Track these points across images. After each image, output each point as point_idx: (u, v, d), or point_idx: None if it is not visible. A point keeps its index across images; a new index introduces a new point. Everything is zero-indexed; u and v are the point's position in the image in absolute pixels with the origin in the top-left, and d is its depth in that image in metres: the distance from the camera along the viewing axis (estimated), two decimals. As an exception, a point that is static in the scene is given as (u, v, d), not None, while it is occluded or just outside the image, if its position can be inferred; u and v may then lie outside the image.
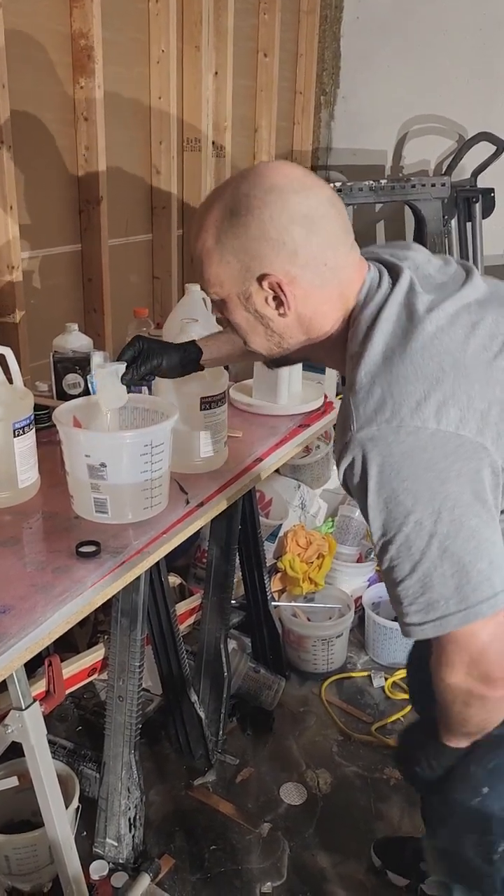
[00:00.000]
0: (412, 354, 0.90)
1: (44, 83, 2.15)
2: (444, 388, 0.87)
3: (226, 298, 1.01)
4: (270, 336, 1.03)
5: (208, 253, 0.98)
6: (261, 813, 1.80)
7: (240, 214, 0.94)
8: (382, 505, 0.88)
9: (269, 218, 0.93)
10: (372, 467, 0.87)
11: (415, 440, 0.85)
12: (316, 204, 0.95)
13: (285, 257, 0.94)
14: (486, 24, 3.33)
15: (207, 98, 2.79)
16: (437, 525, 0.86)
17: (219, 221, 0.96)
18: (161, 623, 1.75)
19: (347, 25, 3.63)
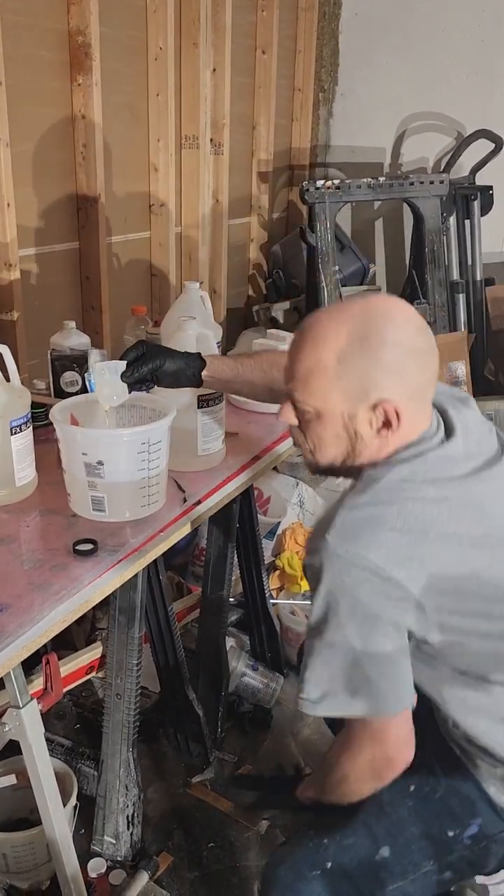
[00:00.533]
0: (411, 511, 1.00)
1: (41, 80, 2.14)
2: (419, 550, 0.99)
3: (323, 412, 1.05)
4: (348, 453, 1.08)
5: (325, 369, 1.02)
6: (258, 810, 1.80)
7: (370, 341, 1.00)
8: (324, 606, 1.00)
9: (395, 351, 1.01)
10: (326, 577, 0.98)
11: (364, 576, 0.97)
12: (427, 342, 1.04)
13: (401, 388, 1.02)
14: (484, 21, 3.33)
15: (205, 95, 2.79)
16: (360, 643, 0.99)
17: (346, 343, 1.01)
18: (159, 621, 1.75)
19: (346, 22, 3.62)
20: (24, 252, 2.18)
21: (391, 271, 3.81)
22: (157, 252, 2.78)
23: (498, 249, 3.53)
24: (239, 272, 3.48)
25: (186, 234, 2.92)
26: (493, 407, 3.01)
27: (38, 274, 2.29)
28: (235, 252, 3.37)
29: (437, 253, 3.18)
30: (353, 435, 1.06)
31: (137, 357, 1.36)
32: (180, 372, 1.39)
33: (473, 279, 3.37)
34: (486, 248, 3.38)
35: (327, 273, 3.04)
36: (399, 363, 1.01)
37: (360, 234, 3.80)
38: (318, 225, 3.02)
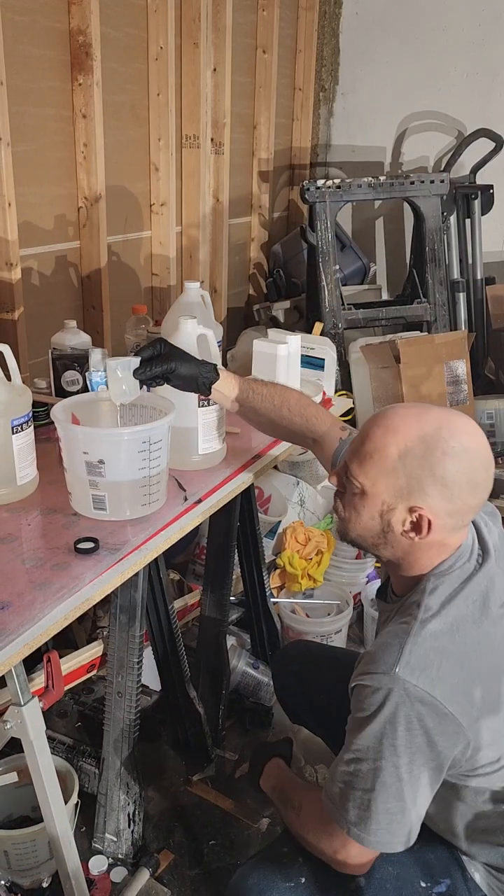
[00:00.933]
0: (472, 645, 1.05)
1: (42, 80, 2.15)
2: (477, 684, 1.04)
3: (368, 493, 1.10)
4: (377, 538, 1.13)
5: (384, 458, 1.07)
6: (260, 808, 1.81)
7: (434, 451, 1.05)
8: (378, 737, 1.03)
9: (455, 471, 1.05)
10: (388, 707, 1.02)
11: (427, 710, 1.01)
12: (486, 477, 1.09)
13: (446, 504, 1.06)
14: (484, 19, 3.33)
15: (206, 95, 2.79)
16: (403, 775, 1.02)
17: (412, 442, 1.06)
18: (160, 619, 1.75)
19: (346, 21, 3.63)
20: (26, 251, 2.18)
21: (392, 270, 3.81)
22: (158, 251, 2.79)
23: (498, 248, 3.53)
24: (239, 271, 3.48)
25: (187, 233, 2.93)
26: (494, 406, 3.02)
27: (39, 273, 2.29)
28: (236, 251, 3.38)
29: (438, 252, 3.18)
30: (385, 525, 1.10)
31: (153, 356, 1.36)
32: (192, 378, 1.38)
33: (474, 278, 3.37)
34: (486, 248, 3.39)
35: (328, 272, 3.05)
36: (452, 482, 1.05)
37: (360, 234, 3.80)
38: (318, 224, 3.02)
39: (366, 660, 1.07)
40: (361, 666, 1.08)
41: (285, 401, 1.44)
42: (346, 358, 3.02)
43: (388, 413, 1.11)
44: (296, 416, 1.43)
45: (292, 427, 1.44)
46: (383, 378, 2.86)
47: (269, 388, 1.46)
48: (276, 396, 1.44)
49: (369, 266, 3.56)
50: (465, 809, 1.14)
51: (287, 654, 1.70)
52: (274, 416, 1.44)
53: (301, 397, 1.46)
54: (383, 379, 2.86)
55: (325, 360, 2.18)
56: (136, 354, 1.36)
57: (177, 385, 1.39)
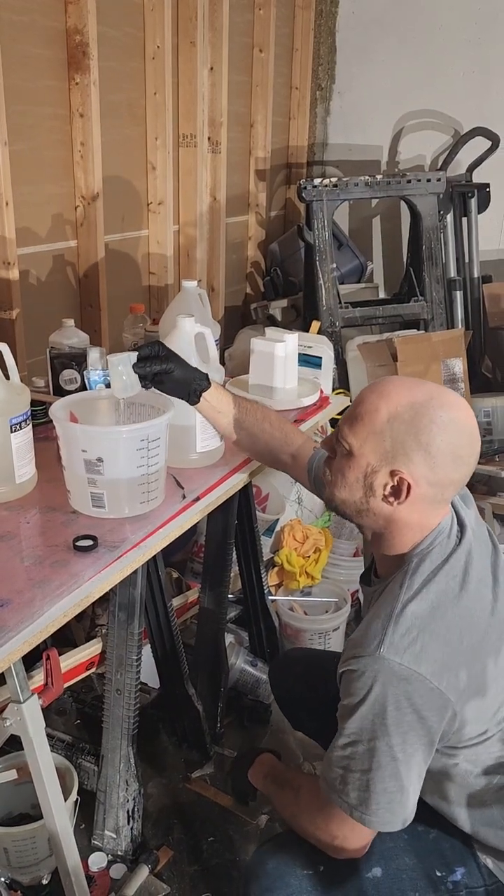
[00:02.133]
0: (454, 621, 1.07)
1: (39, 79, 2.15)
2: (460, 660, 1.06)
3: (355, 454, 1.12)
4: (360, 503, 1.14)
5: (374, 420, 1.10)
6: (258, 805, 1.81)
7: (421, 418, 1.07)
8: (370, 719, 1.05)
9: (439, 440, 1.07)
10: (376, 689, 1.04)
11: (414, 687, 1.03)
12: (471, 452, 1.11)
13: (427, 472, 1.08)
14: (481, 18, 3.33)
15: (203, 94, 2.80)
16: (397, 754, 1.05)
17: (402, 408, 1.09)
18: (158, 617, 1.76)
19: (343, 20, 3.63)
20: (23, 251, 2.18)
21: (389, 269, 3.82)
22: (155, 250, 2.79)
23: (495, 247, 3.54)
24: (237, 270, 3.49)
25: (184, 232, 2.93)
26: (490, 404, 3.02)
27: (36, 272, 2.29)
28: (233, 250, 3.38)
29: (435, 250, 3.18)
30: (367, 487, 1.12)
31: (150, 355, 1.37)
32: (185, 384, 1.40)
33: (471, 276, 3.38)
34: (483, 246, 3.39)
35: (325, 271, 3.05)
36: (436, 451, 1.07)
37: (357, 232, 3.80)
38: (315, 223, 3.02)
39: (350, 644, 1.09)
40: (347, 651, 1.10)
41: (266, 416, 1.51)
42: (343, 356, 3.03)
43: (383, 380, 1.15)
44: (276, 431, 1.50)
45: (272, 442, 1.50)
46: (380, 376, 2.85)
47: (252, 403, 1.53)
48: (258, 412, 1.51)
49: (366, 264, 3.56)
50: (459, 791, 1.16)
51: (288, 660, 1.73)
52: (256, 429, 1.50)
53: (278, 415, 1.55)
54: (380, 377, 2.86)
55: (323, 359, 2.19)
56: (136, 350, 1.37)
57: (168, 389, 1.40)
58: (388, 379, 1.15)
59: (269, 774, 1.34)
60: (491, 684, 1.10)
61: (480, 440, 1.13)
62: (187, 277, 2.81)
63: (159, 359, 1.37)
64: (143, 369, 1.35)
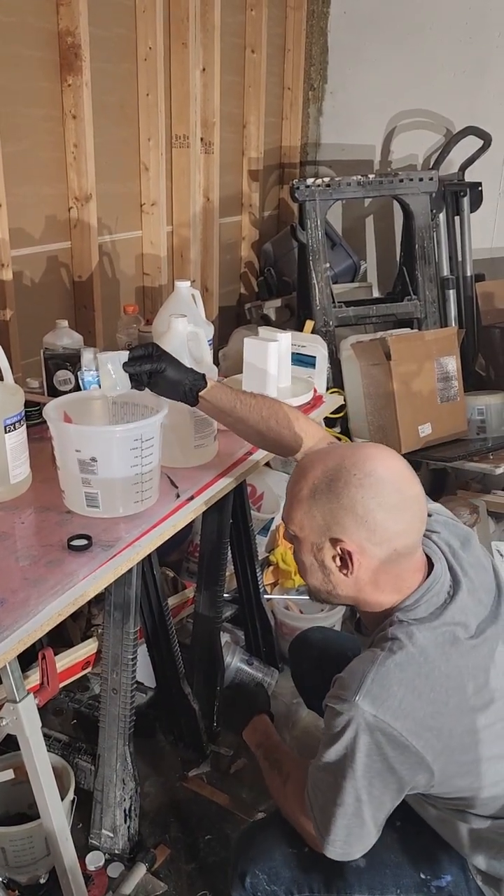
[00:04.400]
0: (441, 679, 1.04)
1: (31, 81, 2.15)
2: (444, 720, 1.04)
3: (300, 538, 1.14)
4: (325, 583, 1.14)
5: (300, 501, 1.11)
6: (255, 803, 1.82)
7: (337, 484, 1.07)
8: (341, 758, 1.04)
9: (361, 498, 1.06)
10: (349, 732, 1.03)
11: (387, 740, 1.02)
12: (403, 498, 1.08)
13: (364, 532, 1.06)
14: (471, 17, 3.34)
15: (195, 95, 2.80)
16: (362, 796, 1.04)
17: (318, 481, 1.09)
18: (154, 616, 1.76)
19: (334, 20, 3.64)
20: (17, 252, 2.18)
21: (382, 268, 3.83)
22: (149, 251, 2.80)
23: (487, 245, 3.55)
24: (230, 270, 3.49)
25: (178, 232, 2.94)
26: (484, 402, 3.03)
27: (30, 273, 2.30)
28: (227, 250, 3.39)
29: (428, 249, 3.19)
30: (321, 566, 1.12)
31: (143, 355, 1.36)
32: (178, 384, 1.38)
33: (463, 275, 3.39)
34: (475, 244, 3.40)
35: (318, 270, 3.06)
36: (363, 510, 1.05)
37: (350, 232, 3.81)
38: (308, 222, 3.03)
39: (337, 683, 1.08)
40: (332, 689, 1.09)
41: (273, 413, 1.42)
42: (337, 355, 3.03)
43: (302, 460, 1.17)
44: (284, 429, 1.42)
45: (280, 439, 1.43)
46: (374, 375, 2.87)
47: (257, 399, 1.44)
48: (263, 408, 1.42)
49: (360, 264, 3.57)
50: (464, 828, 1.16)
51: (307, 640, 1.70)
52: (262, 427, 1.42)
53: (290, 410, 1.45)
54: (374, 376, 2.87)
55: (317, 358, 2.19)
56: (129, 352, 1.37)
57: (161, 391, 1.39)
58: (307, 456, 1.16)
59: (262, 745, 1.35)
60: (481, 743, 1.08)
61: (415, 477, 1.10)
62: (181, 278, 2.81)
63: (151, 358, 1.36)
64: (134, 368, 1.35)
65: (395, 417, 2.81)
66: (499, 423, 3.04)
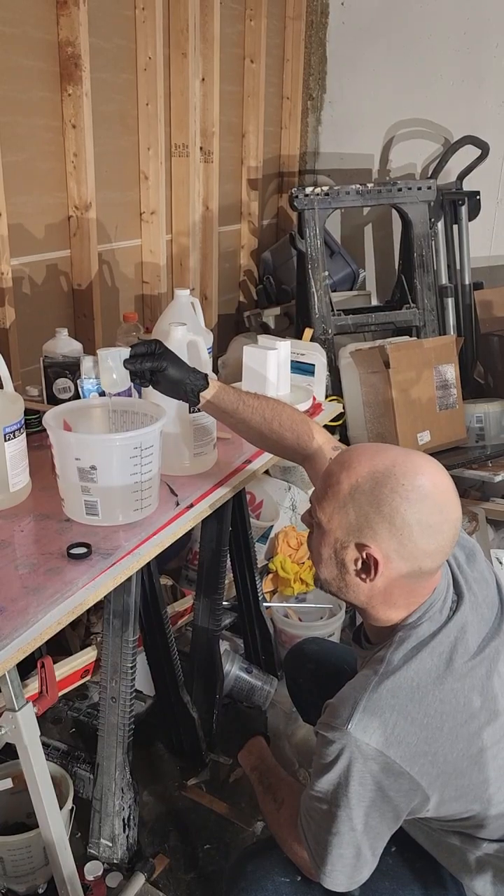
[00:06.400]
0: (434, 704, 1.02)
1: (32, 91, 2.16)
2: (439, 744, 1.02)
3: (325, 529, 1.09)
4: (338, 580, 1.11)
5: (337, 493, 1.07)
6: (254, 812, 1.82)
7: (382, 490, 1.03)
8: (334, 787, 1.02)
9: (403, 510, 1.02)
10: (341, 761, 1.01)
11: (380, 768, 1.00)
12: (443, 520, 1.04)
13: (395, 544, 1.03)
14: (469, 28, 3.37)
15: (195, 104, 2.82)
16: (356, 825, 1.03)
17: (362, 479, 1.05)
18: (153, 624, 1.76)
19: (333, 31, 3.66)
20: (17, 261, 2.19)
21: (381, 276, 3.84)
22: (148, 259, 2.80)
23: (485, 254, 3.56)
24: (229, 278, 3.50)
25: (177, 241, 2.95)
26: (483, 409, 3.04)
27: (30, 282, 2.30)
28: (226, 259, 3.40)
29: (426, 258, 3.21)
30: (340, 564, 1.09)
31: (144, 353, 1.35)
32: (180, 383, 1.36)
33: (462, 283, 3.40)
34: (473, 253, 3.42)
35: (317, 279, 3.07)
36: (401, 523, 1.02)
37: (349, 240, 3.83)
38: (307, 231, 3.04)
39: (328, 710, 1.06)
40: (323, 716, 1.06)
41: (276, 415, 1.40)
42: (336, 363, 3.04)
43: (348, 450, 1.11)
44: (286, 432, 1.40)
45: (283, 442, 1.41)
46: (373, 383, 2.88)
47: (260, 400, 1.42)
48: (266, 410, 1.40)
49: (358, 272, 3.58)
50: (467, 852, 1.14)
51: (302, 653, 1.68)
52: (264, 429, 1.41)
53: (294, 413, 1.43)
54: (373, 384, 2.88)
55: (316, 366, 2.20)
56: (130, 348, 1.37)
57: (164, 389, 1.38)
58: (354, 448, 1.11)
59: (258, 769, 1.33)
60: (485, 764, 1.06)
61: (457, 499, 1.07)
62: (180, 286, 2.82)
63: (153, 356, 1.34)
64: (135, 365, 1.34)
65: (394, 425, 2.82)
66: (497, 431, 3.04)
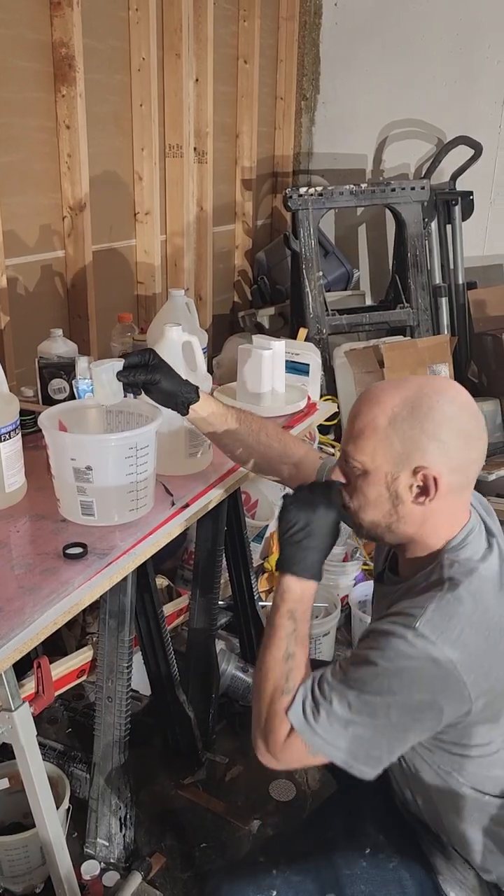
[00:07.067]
0: (495, 620, 1.05)
1: (26, 91, 2.17)
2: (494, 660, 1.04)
3: (370, 471, 1.10)
4: (390, 515, 1.12)
5: (375, 429, 1.09)
6: (250, 810, 1.82)
7: (419, 410, 1.07)
8: (384, 671, 1.02)
9: (444, 424, 1.07)
10: (401, 658, 1.01)
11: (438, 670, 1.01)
12: (477, 426, 1.10)
13: (445, 459, 1.07)
14: (462, 29, 3.38)
15: (189, 105, 2.82)
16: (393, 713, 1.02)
17: (398, 407, 1.08)
18: (149, 624, 1.76)
19: (326, 31, 3.67)
20: (11, 261, 2.19)
21: (375, 276, 3.85)
22: (143, 260, 2.81)
23: (479, 253, 3.58)
24: (224, 279, 3.51)
25: (171, 241, 2.95)
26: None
27: (25, 282, 2.30)
28: (220, 259, 3.40)
29: (420, 257, 3.22)
30: (394, 497, 1.10)
31: (139, 363, 1.36)
32: (172, 395, 1.38)
33: (455, 283, 3.41)
34: (467, 253, 3.43)
35: (311, 279, 3.08)
36: (445, 436, 1.06)
37: (343, 240, 3.84)
38: (301, 231, 3.05)
39: (393, 613, 1.06)
40: (388, 617, 1.06)
41: (262, 426, 1.45)
42: (330, 363, 3.05)
43: (369, 390, 1.14)
44: (273, 441, 1.44)
45: (269, 452, 1.44)
46: (367, 382, 2.89)
47: (246, 414, 1.47)
48: (253, 422, 1.45)
49: (352, 272, 3.59)
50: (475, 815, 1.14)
51: None
52: (251, 440, 1.44)
53: (276, 425, 1.49)
54: (367, 383, 2.89)
55: (310, 366, 2.21)
56: (124, 358, 1.37)
57: (155, 398, 1.39)
58: (373, 387, 1.14)
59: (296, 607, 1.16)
60: None
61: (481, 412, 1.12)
62: (175, 286, 2.83)
63: (147, 368, 1.36)
64: (128, 378, 1.35)
65: (388, 424, 2.82)
66: (492, 430, 3.06)
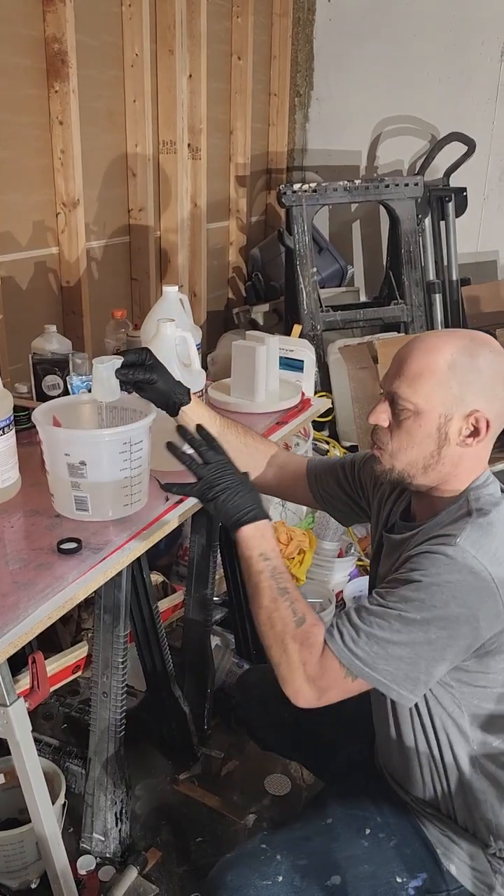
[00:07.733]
0: None
1: (18, 88, 2.16)
2: None
3: (422, 411, 1.14)
4: (432, 456, 1.17)
5: (434, 372, 1.13)
6: (246, 805, 1.83)
7: (479, 359, 1.13)
8: (427, 596, 1.06)
9: (496, 372, 1.14)
10: (443, 573, 1.06)
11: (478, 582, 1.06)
12: None
13: (497, 404, 1.14)
14: (455, 25, 3.38)
15: (182, 101, 2.82)
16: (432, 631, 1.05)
17: (457, 353, 1.13)
18: (144, 619, 1.77)
19: (320, 28, 3.67)
20: (4, 257, 2.19)
21: (369, 272, 3.86)
22: (137, 256, 2.81)
23: (472, 250, 3.59)
24: (218, 275, 3.51)
25: (165, 238, 2.95)
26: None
27: (18, 279, 2.30)
28: (214, 255, 3.40)
29: (414, 254, 3.22)
30: (443, 437, 1.15)
31: (136, 362, 1.37)
32: (165, 395, 1.39)
33: (449, 279, 3.42)
34: (460, 249, 3.44)
35: (305, 275, 3.08)
36: (494, 384, 1.13)
37: (337, 236, 3.84)
38: (295, 228, 3.05)
39: (433, 538, 1.11)
40: (428, 542, 1.11)
41: (247, 431, 1.51)
42: (324, 359, 3.06)
43: (421, 337, 1.18)
44: (260, 444, 1.51)
45: (256, 455, 1.49)
46: (362, 378, 2.89)
47: (231, 420, 1.51)
48: (239, 427, 1.50)
49: (347, 268, 3.60)
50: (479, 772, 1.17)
51: (245, 683, 1.69)
52: (239, 443, 1.48)
53: (256, 433, 1.55)
54: (362, 379, 2.89)
55: (304, 362, 2.21)
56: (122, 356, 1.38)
57: (149, 397, 1.40)
58: (426, 335, 1.18)
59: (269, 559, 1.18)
60: None
61: None
62: (169, 283, 2.82)
63: (143, 368, 1.37)
64: (125, 376, 1.36)
65: (382, 420, 2.83)
66: (485, 426, 3.06)
